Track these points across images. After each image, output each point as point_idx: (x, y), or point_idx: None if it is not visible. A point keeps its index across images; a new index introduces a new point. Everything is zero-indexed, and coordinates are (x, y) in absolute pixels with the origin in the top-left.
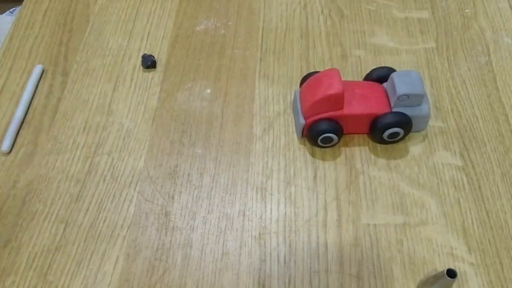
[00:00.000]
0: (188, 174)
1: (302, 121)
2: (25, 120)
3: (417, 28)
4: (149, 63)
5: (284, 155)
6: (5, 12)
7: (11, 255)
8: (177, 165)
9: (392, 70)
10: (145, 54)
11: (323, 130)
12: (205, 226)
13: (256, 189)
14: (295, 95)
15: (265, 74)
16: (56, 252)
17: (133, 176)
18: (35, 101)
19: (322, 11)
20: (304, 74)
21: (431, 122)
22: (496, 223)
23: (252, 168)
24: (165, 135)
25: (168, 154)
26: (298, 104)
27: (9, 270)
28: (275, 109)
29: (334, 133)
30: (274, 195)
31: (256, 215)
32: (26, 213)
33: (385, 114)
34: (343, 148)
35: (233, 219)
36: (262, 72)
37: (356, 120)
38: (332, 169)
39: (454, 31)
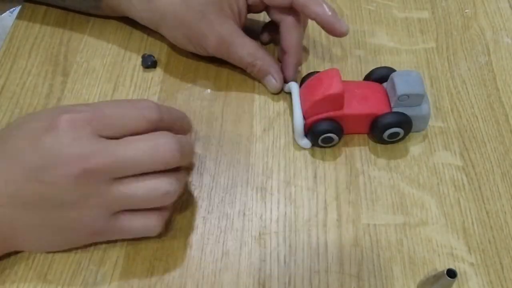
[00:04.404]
0: (188, 174)
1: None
2: None
3: (417, 28)
4: (149, 63)
5: (284, 155)
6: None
7: (11, 255)
8: None
9: (392, 70)
10: (145, 54)
11: (324, 130)
12: (205, 226)
13: (256, 189)
14: None
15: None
16: (56, 252)
17: None
18: (35, 101)
19: None
20: (304, 74)
21: (431, 122)
22: (496, 223)
23: (252, 168)
24: None
25: None
26: None
27: (9, 270)
28: (275, 109)
29: (335, 133)
30: (274, 195)
31: (256, 215)
32: None
33: (385, 114)
34: (343, 148)
35: (233, 219)
36: None
37: (356, 120)
38: (332, 169)
39: (454, 31)
